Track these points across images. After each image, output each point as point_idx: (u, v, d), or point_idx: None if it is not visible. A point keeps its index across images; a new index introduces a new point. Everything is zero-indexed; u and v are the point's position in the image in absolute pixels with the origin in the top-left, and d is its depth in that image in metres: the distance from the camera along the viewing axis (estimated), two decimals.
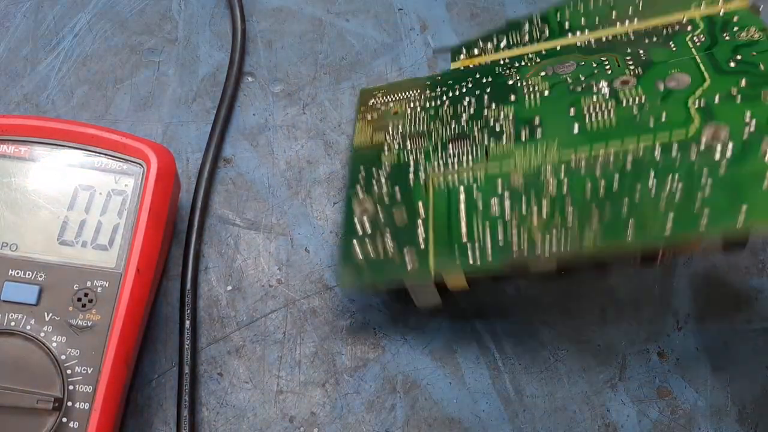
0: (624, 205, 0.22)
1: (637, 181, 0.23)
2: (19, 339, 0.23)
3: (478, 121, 0.28)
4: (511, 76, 0.29)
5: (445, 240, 0.25)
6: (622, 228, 0.22)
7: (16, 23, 0.35)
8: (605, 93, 0.26)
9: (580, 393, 0.28)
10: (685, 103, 0.25)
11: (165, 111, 0.33)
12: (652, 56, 0.27)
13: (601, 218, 0.22)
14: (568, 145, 0.25)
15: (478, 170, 0.26)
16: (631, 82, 0.26)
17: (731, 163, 0.22)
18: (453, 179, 0.27)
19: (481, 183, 0.26)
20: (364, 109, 0.30)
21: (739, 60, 0.26)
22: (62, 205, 0.25)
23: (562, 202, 0.24)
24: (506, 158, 0.26)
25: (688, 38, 0.28)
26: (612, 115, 0.25)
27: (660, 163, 0.23)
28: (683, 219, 0.22)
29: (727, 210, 0.21)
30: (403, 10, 0.38)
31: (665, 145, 0.24)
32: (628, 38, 0.29)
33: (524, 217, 0.24)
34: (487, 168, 0.26)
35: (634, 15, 0.30)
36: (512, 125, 0.27)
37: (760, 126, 0.23)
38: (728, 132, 0.23)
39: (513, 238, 0.24)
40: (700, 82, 0.25)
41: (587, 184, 0.24)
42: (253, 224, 0.31)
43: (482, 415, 0.28)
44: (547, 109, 0.27)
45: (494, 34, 0.32)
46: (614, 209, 0.22)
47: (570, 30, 0.31)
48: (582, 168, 0.24)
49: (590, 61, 0.28)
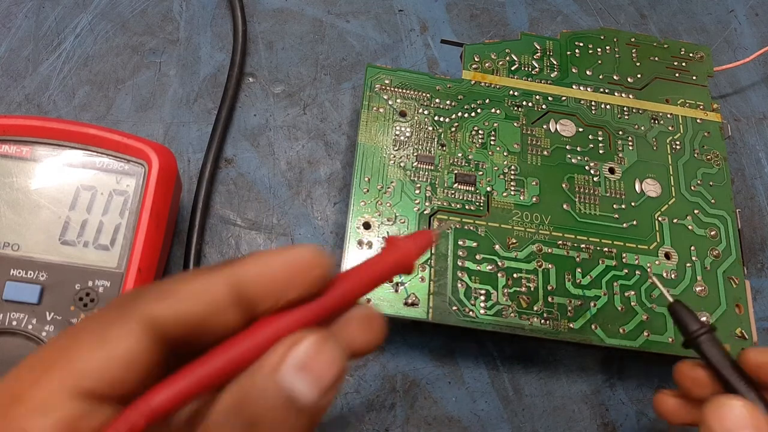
0: (592, 309, 0.27)
1: (603, 287, 0.28)
2: (21, 338, 0.23)
3: (483, 162, 0.30)
4: (519, 117, 0.31)
5: (443, 291, 0.27)
6: (590, 329, 0.27)
7: (18, 24, 0.35)
8: (594, 175, 0.30)
9: (579, 392, 0.29)
10: (652, 216, 0.30)
11: (166, 111, 0.33)
12: (637, 148, 0.31)
13: (575, 316, 0.27)
14: (559, 223, 0.29)
15: (479, 223, 0.28)
16: (617, 172, 0.30)
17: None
18: (455, 223, 0.28)
19: (480, 239, 0.28)
20: (371, 95, 0.30)
21: (699, 184, 0.30)
22: (64, 205, 0.25)
23: (545, 288, 0.27)
24: (505, 216, 0.29)
25: (668, 140, 0.31)
26: (597, 202, 0.30)
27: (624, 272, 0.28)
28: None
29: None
30: (403, 11, 0.38)
31: (631, 252, 0.29)
32: (622, 113, 0.32)
33: (514, 294, 0.27)
34: (488, 222, 0.28)
35: (631, 87, 0.33)
36: (513, 176, 0.30)
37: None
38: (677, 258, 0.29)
39: (506, 311, 0.27)
40: (667, 198, 0.30)
41: (566, 277, 0.28)
42: (254, 224, 0.31)
43: (481, 414, 0.28)
44: (546, 174, 0.30)
45: (505, 47, 0.33)
46: (584, 309, 0.27)
47: (575, 80, 0.33)
48: (567, 250, 0.28)
49: (587, 133, 0.31)
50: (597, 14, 0.39)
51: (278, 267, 0.15)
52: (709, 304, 0.28)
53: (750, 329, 0.27)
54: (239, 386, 0.14)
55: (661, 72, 0.33)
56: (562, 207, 0.29)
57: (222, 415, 0.14)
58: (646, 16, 0.39)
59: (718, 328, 0.27)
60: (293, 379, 0.14)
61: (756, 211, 0.34)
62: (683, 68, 0.33)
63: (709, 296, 0.28)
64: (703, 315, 0.27)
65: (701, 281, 0.28)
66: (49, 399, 0.13)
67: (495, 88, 0.32)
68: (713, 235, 0.29)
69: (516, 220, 0.29)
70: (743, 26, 0.40)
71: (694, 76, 0.33)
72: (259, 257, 0.15)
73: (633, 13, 0.39)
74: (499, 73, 0.32)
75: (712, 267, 0.28)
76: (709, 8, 0.40)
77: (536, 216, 0.29)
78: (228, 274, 0.15)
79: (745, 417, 0.19)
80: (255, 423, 0.14)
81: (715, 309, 0.28)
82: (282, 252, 0.15)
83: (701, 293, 0.28)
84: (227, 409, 0.14)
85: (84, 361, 0.13)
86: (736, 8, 0.40)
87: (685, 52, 0.34)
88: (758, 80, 0.38)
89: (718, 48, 0.39)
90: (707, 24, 0.40)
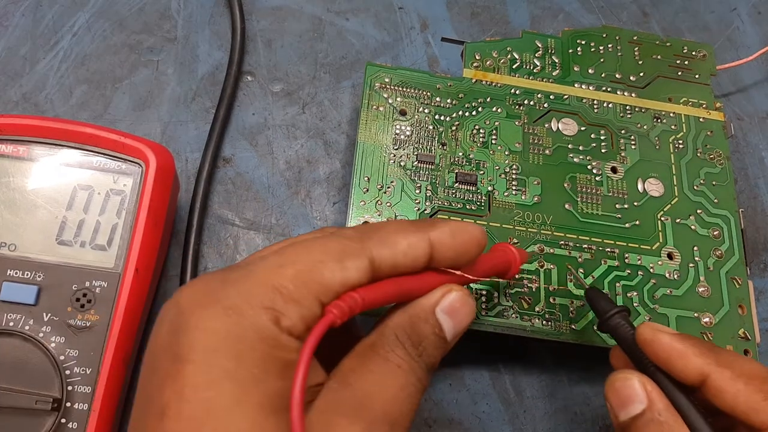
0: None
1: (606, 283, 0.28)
2: (17, 339, 0.23)
3: (485, 161, 0.30)
4: (520, 115, 0.31)
5: None
6: (592, 331, 0.27)
7: (15, 22, 0.35)
8: (596, 174, 0.30)
9: (581, 394, 0.28)
10: (654, 216, 0.29)
11: (164, 110, 0.33)
12: (639, 147, 0.31)
13: (577, 317, 0.27)
14: (561, 223, 0.29)
15: (480, 223, 0.28)
16: (619, 171, 0.30)
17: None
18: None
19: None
20: (371, 93, 0.30)
21: (701, 184, 0.30)
22: (61, 205, 0.25)
23: (546, 290, 0.27)
24: (507, 216, 0.28)
25: (671, 139, 0.31)
26: (599, 202, 0.29)
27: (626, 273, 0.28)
28: None
29: None
30: (403, 8, 0.37)
31: (633, 252, 0.28)
32: (624, 112, 0.32)
33: (515, 295, 0.27)
34: (489, 222, 0.28)
35: (634, 86, 0.32)
36: (515, 175, 0.29)
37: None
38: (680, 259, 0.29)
39: (507, 311, 0.27)
40: (670, 197, 0.30)
41: (568, 278, 0.27)
42: (253, 224, 0.31)
43: (482, 416, 0.28)
44: (547, 174, 0.30)
45: (507, 45, 0.32)
46: (586, 310, 0.27)
47: (577, 79, 0.32)
48: (569, 250, 0.28)
49: (589, 131, 0.31)
50: (599, 12, 0.39)
51: (462, 240, 0.20)
52: (712, 305, 0.27)
53: (753, 330, 0.27)
54: (412, 309, 0.19)
55: (663, 70, 0.33)
56: (564, 207, 0.29)
57: (397, 328, 0.19)
58: (649, 14, 0.39)
59: (719, 328, 0.27)
60: (443, 317, 0.19)
61: (759, 211, 0.34)
62: (686, 67, 0.33)
63: (712, 297, 0.28)
64: (705, 316, 0.27)
65: (704, 282, 0.28)
66: (302, 299, 0.17)
67: (496, 87, 0.31)
68: (716, 235, 0.29)
69: (517, 220, 0.28)
70: (746, 24, 0.40)
71: (696, 74, 0.33)
72: (449, 227, 0.19)
73: (635, 11, 0.39)
74: (500, 72, 0.32)
75: (715, 267, 0.28)
76: (711, 6, 0.40)
77: (538, 216, 0.29)
78: (430, 236, 0.19)
79: (637, 391, 0.20)
80: (418, 340, 0.19)
81: (718, 310, 0.27)
82: (465, 227, 0.20)
83: (704, 294, 0.28)
84: (401, 324, 0.19)
85: (328, 279, 0.17)
86: (739, 6, 0.40)
87: (687, 51, 0.34)
88: (761, 79, 0.38)
89: (720, 46, 0.38)
90: (710, 22, 0.39)
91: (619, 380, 0.21)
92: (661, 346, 0.21)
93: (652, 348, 0.21)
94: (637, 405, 0.20)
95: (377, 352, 0.19)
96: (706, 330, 0.27)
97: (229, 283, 0.17)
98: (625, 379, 0.21)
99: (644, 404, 0.20)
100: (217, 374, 0.15)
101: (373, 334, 0.19)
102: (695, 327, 0.27)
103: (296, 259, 0.17)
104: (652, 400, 0.20)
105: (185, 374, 0.15)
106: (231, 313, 0.16)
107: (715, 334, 0.27)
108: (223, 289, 0.17)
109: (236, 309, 0.16)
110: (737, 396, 0.19)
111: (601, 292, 0.24)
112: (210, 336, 0.16)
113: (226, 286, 0.17)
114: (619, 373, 0.21)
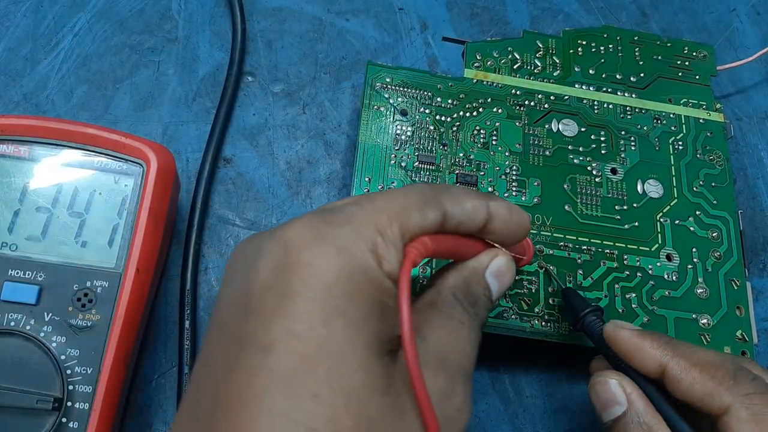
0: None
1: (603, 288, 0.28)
2: (18, 339, 0.23)
3: (485, 162, 0.30)
4: (521, 116, 0.31)
5: None
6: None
7: (16, 23, 0.35)
8: (596, 175, 0.30)
9: (581, 394, 0.28)
10: (653, 217, 0.29)
11: (165, 111, 0.33)
12: (639, 149, 0.31)
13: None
14: (560, 224, 0.29)
15: None
16: (619, 172, 0.30)
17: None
18: None
19: None
20: (371, 93, 0.30)
21: (701, 185, 0.30)
22: (62, 205, 0.25)
23: (546, 290, 0.27)
24: None
25: (671, 140, 0.31)
26: (599, 203, 0.29)
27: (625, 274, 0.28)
28: None
29: None
30: (403, 9, 0.38)
31: (632, 254, 0.28)
32: (625, 112, 0.32)
33: (515, 296, 0.27)
34: None
35: (634, 86, 0.33)
36: (515, 176, 0.29)
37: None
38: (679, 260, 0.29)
39: (507, 312, 0.27)
40: (669, 199, 0.30)
41: (567, 279, 0.28)
42: (253, 224, 0.31)
43: (482, 415, 0.28)
44: (548, 175, 0.30)
45: (508, 45, 0.32)
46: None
47: (578, 79, 0.32)
48: (568, 252, 0.28)
49: (589, 132, 0.31)
50: (598, 12, 0.39)
51: (516, 219, 0.21)
52: (710, 306, 0.28)
53: (750, 331, 0.27)
54: (466, 271, 0.21)
55: (664, 71, 0.33)
56: (563, 208, 0.29)
57: (454, 288, 0.20)
58: (648, 14, 0.39)
59: (717, 329, 0.27)
60: (491, 279, 0.21)
61: (758, 211, 0.34)
62: (686, 67, 0.33)
63: (711, 298, 0.28)
64: (703, 317, 0.27)
65: (702, 283, 0.28)
66: (398, 243, 0.17)
67: (497, 87, 0.31)
68: (715, 237, 0.29)
69: None
70: (745, 25, 0.40)
71: (697, 75, 0.33)
72: (507, 203, 0.21)
73: (634, 11, 0.39)
74: (501, 72, 0.32)
75: (714, 269, 0.28)
76: (710, 7, 0.40)
77: (538, 217, 0.29)
78: (489, 205, 0.20)
79: (615, 393, 0.21)
80: (474, 300, 0.20)
81: (716, 311, 0.28)
82: (520, 209, 0.21)
83: (702, 295, 0.28)
84: (457, 285, 0.20)
85: (412, 225, 0.18)
86: (738, 7, 0.40)
87: (688, 51, 0.34)
88: (761, 80, 0.38)
89: (719, 47, 0.39)
90: (709, 23, 0.39)
91: (598, 383, 0.22)
92: (623, 341, 0.22)
93: (615, 344, 0.22)
94: (617, 407, 0.21)
95: (440, 310, 0.19)
96: (704, 331, 0.27)
97: (335, 224, 0.17)
98: (604, 382, 0.21)
99: (624, 406, 0.21)
100: (331, 312, 0.15)
101: (429, 293, 0.20)
102: (693, 328, 0.27)
103: (387, 206, 0.18)
104: (632, 402, 0.21)
105: (296, 311, 0.15)
106: (343, 252, 0.16)
107: (712, 335, 0.27)
108: (331, 230, 0.17)
109: (347, 249, 0.16)
110: (693, 384, 0.20)
111: (576, 292, 0.24)
112: (324, 274, 0.16)
113: (333, 227, 0.17)
114: (598, 375, 0.22)
